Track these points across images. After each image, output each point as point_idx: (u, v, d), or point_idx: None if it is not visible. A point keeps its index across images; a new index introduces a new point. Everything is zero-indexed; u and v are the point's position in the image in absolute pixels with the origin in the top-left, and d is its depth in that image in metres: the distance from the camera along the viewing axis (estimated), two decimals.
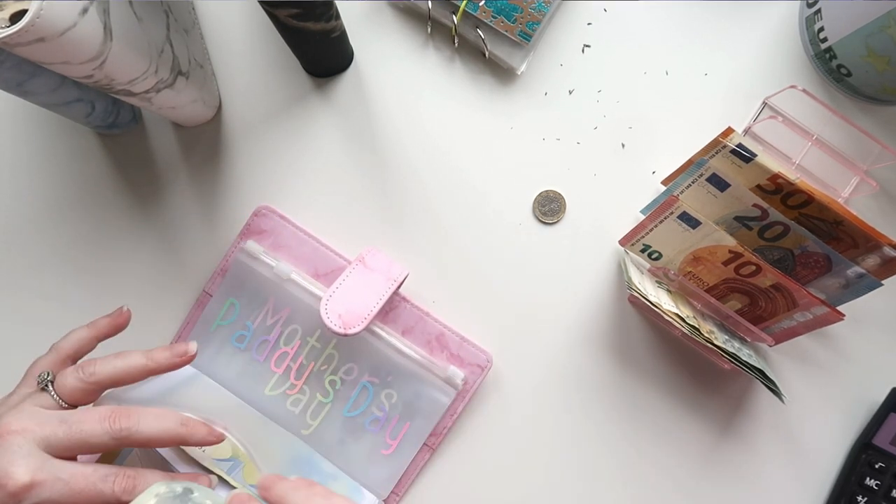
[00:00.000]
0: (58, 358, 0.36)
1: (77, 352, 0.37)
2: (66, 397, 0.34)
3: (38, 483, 0.30)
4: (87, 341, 0.37)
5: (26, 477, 0.29)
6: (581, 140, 0.47)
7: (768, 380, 0.40)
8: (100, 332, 0.38)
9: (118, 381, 0.35)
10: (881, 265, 0.40)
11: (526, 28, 0.44)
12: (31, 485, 0.29)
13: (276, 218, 0.45)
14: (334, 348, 0.45)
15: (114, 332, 0.39)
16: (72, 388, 0.34)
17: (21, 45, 0.28)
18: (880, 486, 0.45)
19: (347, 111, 0.47)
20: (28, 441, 0.31)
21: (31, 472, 0.30)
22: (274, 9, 0.37)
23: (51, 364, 0.36)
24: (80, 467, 0.31)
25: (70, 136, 0.47)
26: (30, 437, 0.31)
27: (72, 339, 0.37)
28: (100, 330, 0.38)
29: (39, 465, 0.30)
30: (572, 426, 0.46)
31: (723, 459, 0.46)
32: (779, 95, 0.45)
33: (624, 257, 0.45)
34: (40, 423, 0.31)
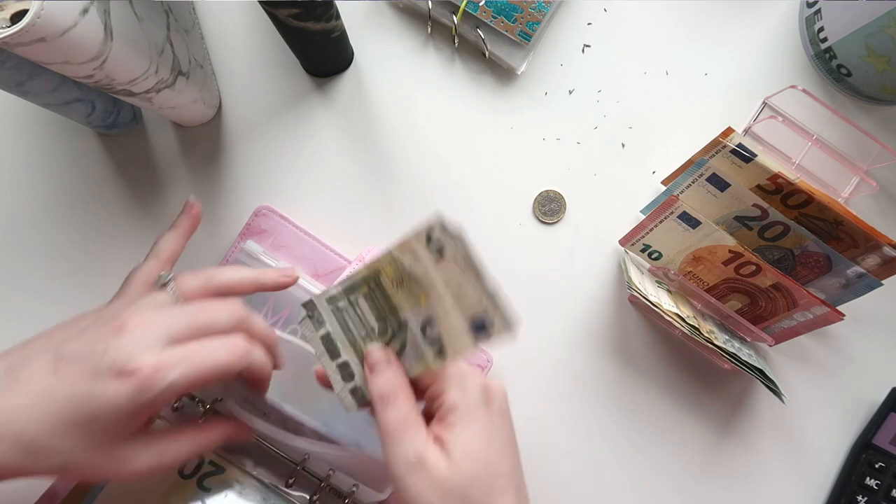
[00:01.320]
0: (158, 262, 0.37)
1: (173, 253, 0.38)
2: (186, 296, 0.34)
3: (165, 366, 0.29)
4: (177, 240, 0.38)
5: (152, 361, 0.29)
6: (581, 140, 0.47)
7: (768, 380, 0.40)
8: (184, 228, 0.39)
9: (232, 290, 0.36)
10: (881, 265, 0.40)
11: (526, 28, 0.44)
12: (159, 369, 0.29)
13: (276, 218, 0.45)
14: None
15: (195, 223, 0.40)
16: (191, 288, 0.34)
17: (22, 45, 0.28)
18: (880, 486, 0.45)
19: (347, 111, 0.47)
20: (151, 330, 0.30)
21: (157, 357, 0.29)
22: (274, 9, 0.37)
23: (153, 269, 0.36)
24: (195, 345, 0.31)
25: (70, 136, 0.47)
26: (152, 328, 0.31)
27: (165, 244, 0.38)
28: (183, 227, 0.39)
29: (161, 350, 0.30)
30: (572, 426, 0.46)
31: (723, 459, 0.46)
32: (779, 95, 0.45)
33: (624, 257, 0.45)
34: (161, 315, 0.32)
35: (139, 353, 0.29)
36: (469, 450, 0.29)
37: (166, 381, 0.29)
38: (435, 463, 0.29)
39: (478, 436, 0.30)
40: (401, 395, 0.31)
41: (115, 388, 0.29)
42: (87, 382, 0.29)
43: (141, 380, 0.29)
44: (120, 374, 0.29)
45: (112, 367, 0.29)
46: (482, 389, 0.31)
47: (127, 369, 0.29)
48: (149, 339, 0.30)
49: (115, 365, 0.29)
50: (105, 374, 0.29)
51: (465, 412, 0.30)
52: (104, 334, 0.30)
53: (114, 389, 0.29)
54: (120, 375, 0.29)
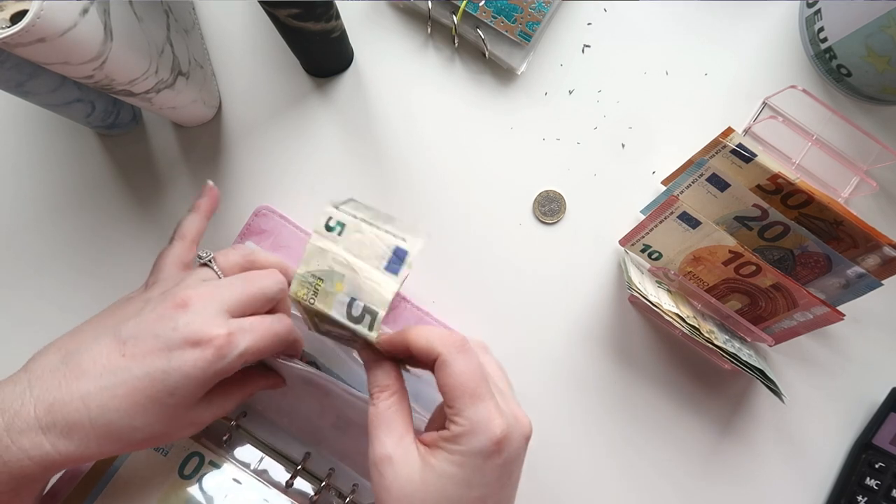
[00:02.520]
0: (185, 244, 0.38)
1: (197, 234, 0.39)
2: (227, 272, 0.36)
3: (235, 334, 0.31)
4: (200, 221, 0.39)
5: (223, 330, 0.31)
6: (581, 140, 0.47)
7: (768, 380, 0.40)
8: (205, 209, 0.40)
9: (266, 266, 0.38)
10: (881, 265, 0.40)
11: (526, 28, 0.44)
12: (231, 337, 0.31)
13: (276, 218, 0.45)
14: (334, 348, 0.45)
15: (214, 204, 0.41)
16: (233, 263, 0.36)
17: (21, 45, 0.28)
18: (880, 486, 0.45)
19: (347, 111, 0.47)
20: (212, 303, 0.32)
21: (226, 326, 0.31)
22: (274, 9, 0.37)
23: (182, 250, 0.38)
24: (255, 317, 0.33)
25: (70, 136, 0.47)
26: (212, 300, 0.32)
27: (189, 225, 0.39)
28: (203, 208, 0.40)
29: (227, 321, 0.32)
30: (572, 426, 0.46)
31: (723, 459, 0.46)
32: (779, 95, 0.45)
33: (624, 257, 0.45)
34: (216, 287, 0.33)
35: (208, 322, 0.31)
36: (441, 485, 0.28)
37: (241, 346, 0.31)
38: (403, 466, 0.29)
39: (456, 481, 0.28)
40: (385, 392, 0.31)
41: (193, 358, 0.30)
42: (162, 358, 0.30)
43: (218, 347, 0.30)
44: (196, 345, 0.30)
45: (187, 339, 0.30)
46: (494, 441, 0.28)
47: (203, 339, 0.30)
48: (212, 311, 0.31)
49: (189, 337, 0.30)
50: (180, 347, 0.30)
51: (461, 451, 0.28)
52: (166, 312, 0.31)
53: (192, 359, 0.30)
54: (196, 345, 0.30)
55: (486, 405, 0.28)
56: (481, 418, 0.28)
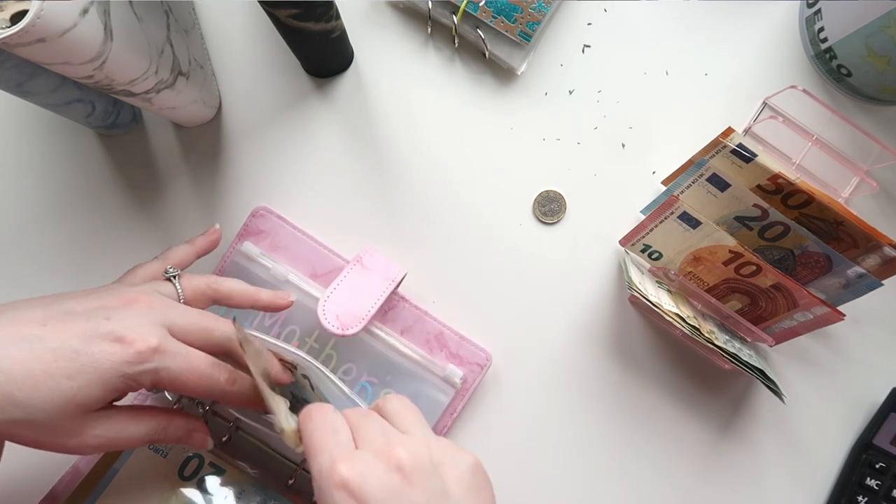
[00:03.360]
0: (164, 264, 0.37)
1: (181, 262, 0.38)
2: (188, 293, 0.35)
3: (163, 349, 0.30)
4: (189, 254, 0.39)
5: (154, 340, 0.29)
6: (581, 140, 0.47)
7: (768, 380, 0.40)
8: (198, 248, 0.40)
9: (230, 300, 0.37)
10: (881, 265, 0.40)
11: (526, 28, 0.44)
12: (158, 349, 0.29)
13: (274, 218, 0.45)
14: (333, 348, 0.45)
15: (211, 247, 0.41)
16: (195, 288, 0.36)
17: (21, 45, 0.28)
18: (881, 487, 0.45)
19: (347, 111, 0.47)
20: (157, 314, 0.31)
21: (159, 338, 0.30)
22: (274, 9, 0.37)
23: (159, 268, 0.37)
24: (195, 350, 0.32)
25: (70, 136, 0.47)
26: (159, 311, 0.31)
27: (176, 252, 0.39)
28: (198, 246, 0.40)
29: (165, 335, 0.30)
30: (572, 426, 0.46)
31: (723, 459, 0.46)
32: (779, 95, 0.45)
33: (624, 257, 0.45)
34: (168, 305, 0.32)
35: (143, 327, 0.30)
36: None
37: (162, 363, 0.29)
38: None
39: None
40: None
41: (107, 351, 0.28)
42: (80, 340, 0.28)
43: (137, 351, 0.29)
44: (119, 340, 0.29)
45: (112, 332, 0.29)
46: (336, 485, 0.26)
47: (128, 338, 0.29)
48: (152, 320, 0.30)
49: (116, 331, 0.29)
50: (102, 337, 0.29)
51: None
52: (110, 303, 0.31)
53: (106, 352, 0.28)
54: (117, 341, 0.29)
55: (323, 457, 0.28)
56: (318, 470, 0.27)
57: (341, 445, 0.28)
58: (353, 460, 0.27)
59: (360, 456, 0.28)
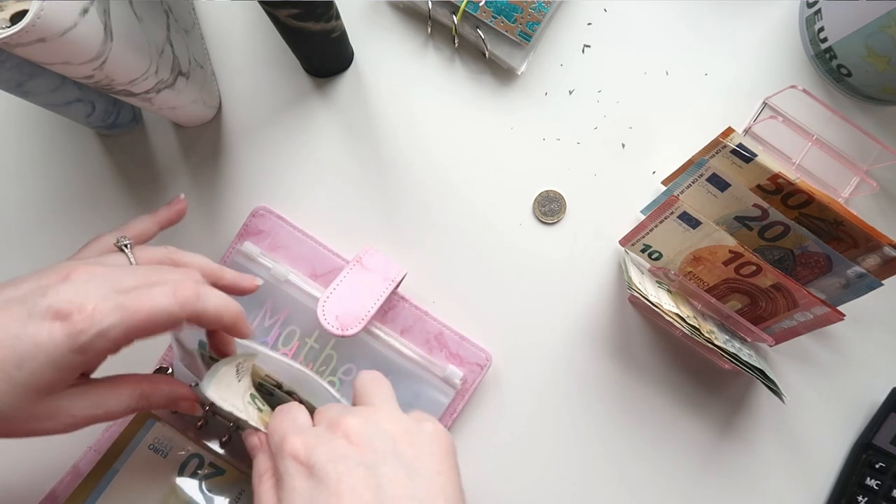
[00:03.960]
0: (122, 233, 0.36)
1: (141, 234, 0.36)
2: (142, 262, 0.33)
3: (101, 310, 0.27)
4: (149, 225, 0.37)
5: (90, 305, 0.27)
6: (581, 140, 0.47)
7: (768, 380, 0.40)
8: (161, 219, 0.38)
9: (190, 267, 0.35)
10: (881, 265, 0.40)
11: (526, 28, 0.44)
12: (95, 312, 0.27)
13: (274, 218, 0.45)
14: (333, 349, 0.45)
15: (175, 217, 0.39)
16: (149, 257, 0.33)
17: (22, 45, 0.28)
18: (881, 486, 0.45)
19: (347, 111, 0.47)
20: (97, 283, 0.29)
21: (96, 299, 0.28)
22: (274, 9, 0.37)
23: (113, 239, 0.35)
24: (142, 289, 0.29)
25: (70, 136, 0.47)
26: (99, 280, 0.29)
27: (136, 223, 0.37)
28: (161, 217, 0.38)
29: (104, 294, 0.28)
30: (571, 426, 0.46)
31: (723, 459, 0.46)
32: (779, 95, 0.45)
33: (624, 257, 0.45)
34: (112, 270, 0.30)
35: (80, 296, 0.28)
36: None
37: (102, 324, 0.27)
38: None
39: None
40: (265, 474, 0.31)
41: (47, 330, 0.27)
42: (18, 323, 0.27)
43: (74, 323, 0.27)
44: (55, 317, 0.27)
45: (49, 308, 0.27)
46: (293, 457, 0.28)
47: (64, 310, 0.27)
48: (94, 290, 0.28)
49: (54, 306, 0.27)
50: (41, 315, 0.27)
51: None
52: (48, 280, 0.29)
53: (46, 331, 0.27)
54: (55, 318, 0.27)
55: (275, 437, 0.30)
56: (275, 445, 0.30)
57: (296, 425, 0.30)
58: (304, 433, 0.29)
59: (310, 430, 0.30)
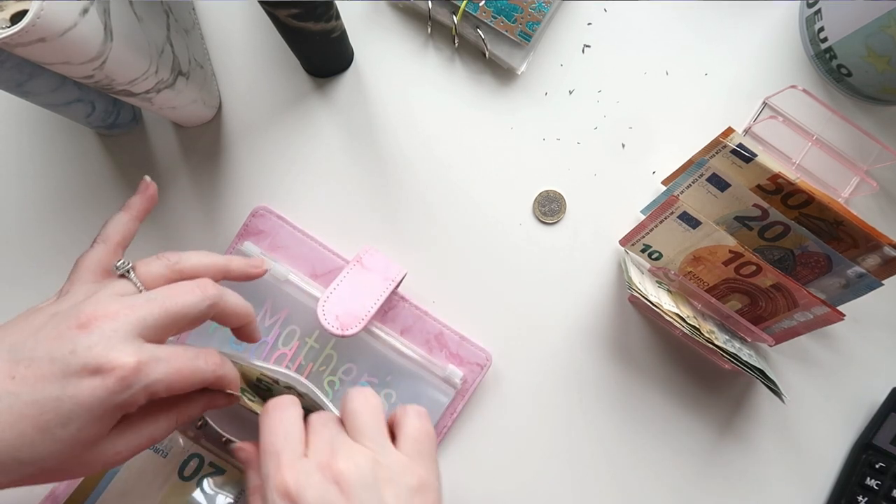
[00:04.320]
0: (108, 248, 0.34)
1: (124, 237, 0.35)
2: (149, 285, 0.32)
3: (143, 364, 0.27)
4: (129, 223, 0.35)
5: (132, 360, 0.27)
6: (581, 140, 0.47)
7: (768, 380, 0.40)
8: (136, 209, 0.36)
9: (200, 273, 0.34)
10: (881, 265, 0.40)
11: (526, 28, 0.44)
12: (138, 368, 0.27)
13: (274, 218, 0.45)
14: (333, 349, 0.45)
15: (149, 204, 0.36)
16: (156, 275, 0.32)
17: (22, 45, 0.28)
18: (881, 486, 0.45)
19: (347, 111, 0.47)
20: (121, 324, 0.28)
21: (135, 354, 0.27)
22: (274, 9, 0.37)
23: (104, 255, 0.33)
24: (173, 346, 0.30)
25: (70, 136, 0.47)
26: (123, 321, 0.28)
27: (116, 226, 0.34)
28: (137, 209, 0.36)
29: (139, 347, 0.28)
30: (571, 425, 0.46)
31: (723, 459, 0.46)
32: (779, 95, 0.45)
33: (624, 257, 0.45)
34: (129, 306, 0.29)
35: (113, 348, 0.27)
36: None
37: (149, 378, 0.28)
38: None
39: None
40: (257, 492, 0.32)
41: (90, 387, 0.27)
42: (55, 384, 0.27)
43: (120, 377, 0.27)
44: (95, 372, 0.27)
45: (86, 366, 0.27)
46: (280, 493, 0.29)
47: (104, 367, 0.27)
48: (120, 333, 0.28)
49: (89, 363, 0.27)
50: (77, 374, 0.27)
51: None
52: (67, 331, 0.28)
53: (89, 388, 0.27)
54: (95, 373, 0.27)
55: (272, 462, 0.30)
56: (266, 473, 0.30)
57: (289, 452, 0.30)
58: (296, 469, 0.29)
59: (303, 466, 0.29)
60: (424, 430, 0.33)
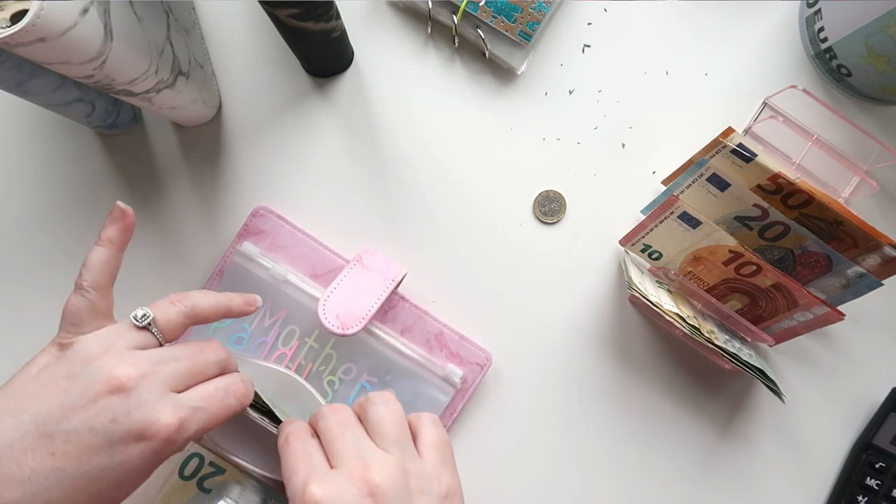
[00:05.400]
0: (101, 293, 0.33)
1: (112, 277, 0.33)
2: (169, 334, 0.32)
3: (184, 420, 0.29)
4: (113, 260, 0.33)
5: (174, 420, 0.28)
6: (581, 140, 0.47)
7: (768, 380, 0.40)
8: (116, 242, 0.34)
9: (207, 319, 0.35)
10: (881, 265, 0.40)
11: (526, 28, 0.44)
12: (181, 425, 0.29)
13: (274, 218, 0.45)
14: (332, 348, 0.45)
15: (127, 235, 0.34)
16: (175, 324, 0.33)
17: (22, 45, 0.28)
18: (881, 486, 0.45)
19: (347, 111, 0.47)
20: (155, 384, 0.29)
21: (174, 413, 0.29)
22: (274, 9, 0.37)
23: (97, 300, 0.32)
24: (203, 389, 0.31)
25: (70, 136, 0.47)
26: (154, 381, 0.29)
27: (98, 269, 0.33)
28: (117, 242, 0.34)
29: (175, 403, 0.29)
30: (571, 425, 0.46)
31: (723, 459, 0.46)
32: (779, 95, 0.45)
33: (624, 257, 0.45)
34: (157, 363, 0.30)
35: (153, 409, 0.28)
36: None
37: (192, 430, 0.29)
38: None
39: None
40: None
41: (138, 451, 0.28)
42: (102, 455, 0.27)
43: (165, 438, 0.28)
44: (140, 438, 0.28)
45: (131, 432, 0.28)
46: None
47: (148, 430, 0.28)
48: (156, 393, 0.29)
49: (133, 429, 0.28)
50: (122, 441, 0.28)
51: None
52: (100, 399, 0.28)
53: (137, 452, 0.28)
54: (140, 438, 0.28)
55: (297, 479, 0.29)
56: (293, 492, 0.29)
57: (315, 468, 0.30)
58: (326, 482, 0.29)
59: (332, 478, 0.29)
60: (443, 437, 0.33)
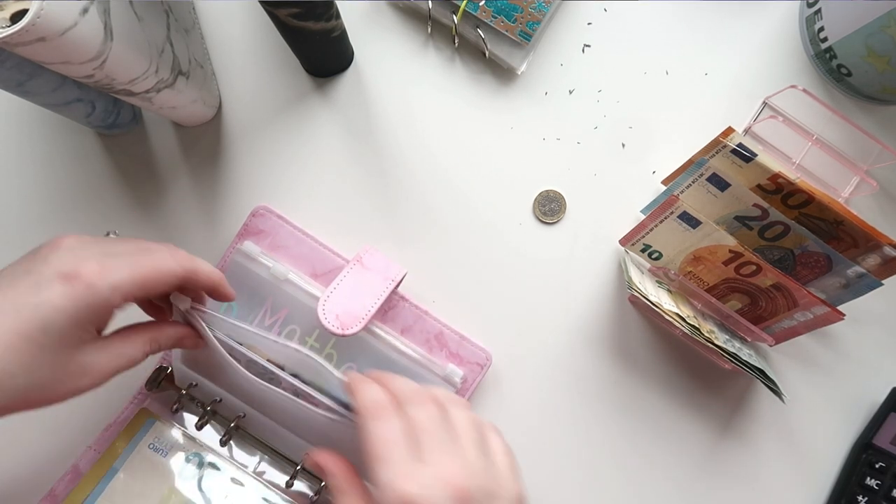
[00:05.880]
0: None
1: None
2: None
3: (106, 267, 0.30)
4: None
5: (94, 264, 0.29)
6: (581, 140, 0.47)
7: (768, 379, 0.40)
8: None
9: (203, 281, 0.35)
10: (881, 265, 0.40)
11: (526, 28, 0.44)
12: (101, 270, 0.30)
13: (274, 218, 0.45)
14: (333, 348, 0.45)
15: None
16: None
17: (22, 44, 0.28)
18: (881, 486, 0.45)
19: (347, 111, 0.47)
20: (90, 246, 0.31)
21: (97, 259, 0.30)
22: (274, 8, 0.37)
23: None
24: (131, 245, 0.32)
25: (70, 136, 0.47)
26: (91, 244, 0.31)
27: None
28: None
29: (100, 252, 0.30)
30: (572, 425, 0.46)
31: (723, 459, 0.46)
32: (779, 95, 0.45)
33: (624, 257, 0.45)
34: (102, 240, 0.32)
35: (82, 259, 0.30)
36: None
37: (113, 278, 0.30)
38: None
39: None
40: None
41: (61, 291, 0.29)
42: (31, 292, 0.29)
43: (86, 281, 0.29)
44: (65, 279, 0.29)
45: (58, 272, 0.29)
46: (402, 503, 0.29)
47: (73, 272, 0.29)
48: (91, 252, 0.30)
49: (60, 269, 0.29)
50: (49, 280, 0.29)
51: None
52: (42, 251, 0.31)
53: (60, 292, 0.29)
54: (65, 280, 0.29)
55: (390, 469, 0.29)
56: (386, 482, 0.29)
57: (405, 461, 0.30)
58: (417, 480, 0.29)
59: (424, 476, 0.29)
60: (509, 446, 0.34)
